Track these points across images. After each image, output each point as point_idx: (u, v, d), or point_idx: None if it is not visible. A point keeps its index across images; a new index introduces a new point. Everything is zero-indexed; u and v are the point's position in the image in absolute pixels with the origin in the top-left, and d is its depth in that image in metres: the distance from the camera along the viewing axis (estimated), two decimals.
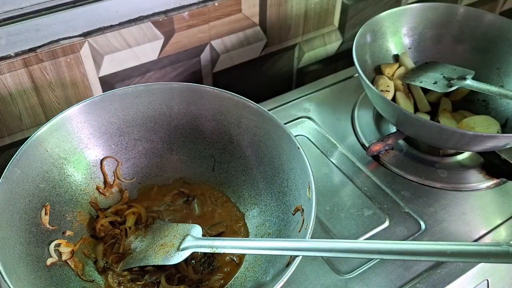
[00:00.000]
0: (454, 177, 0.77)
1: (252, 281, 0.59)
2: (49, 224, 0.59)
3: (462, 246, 0.46)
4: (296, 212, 0.59)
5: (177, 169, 0.71)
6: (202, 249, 0.57)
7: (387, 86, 0.82)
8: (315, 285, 0.62)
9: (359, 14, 1.00)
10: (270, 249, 0.54)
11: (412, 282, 0.63)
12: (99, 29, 0.71)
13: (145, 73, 0.80)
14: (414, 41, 0.88)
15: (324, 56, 1.03)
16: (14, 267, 0.51)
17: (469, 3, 1.17)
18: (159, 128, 0.69)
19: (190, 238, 0.59)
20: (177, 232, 0.61)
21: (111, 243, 0.63)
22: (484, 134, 0.66)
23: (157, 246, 0.60)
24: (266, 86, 0.98)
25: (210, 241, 0.57)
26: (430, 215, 0.71)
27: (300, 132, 0.83)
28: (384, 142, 0.77)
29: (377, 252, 0.49)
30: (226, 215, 0.67)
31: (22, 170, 0.57)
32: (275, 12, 0.87)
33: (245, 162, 0.68)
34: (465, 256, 0.46)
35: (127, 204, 0.67)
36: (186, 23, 0.78)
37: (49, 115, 0.74)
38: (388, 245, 0.49)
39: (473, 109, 0.85)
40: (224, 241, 0.56)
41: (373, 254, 0.50)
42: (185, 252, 0.58)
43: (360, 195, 0.73)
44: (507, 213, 0.72)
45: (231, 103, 0.67)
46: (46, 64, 0.69)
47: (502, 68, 0.84)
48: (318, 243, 0.52)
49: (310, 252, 0.51)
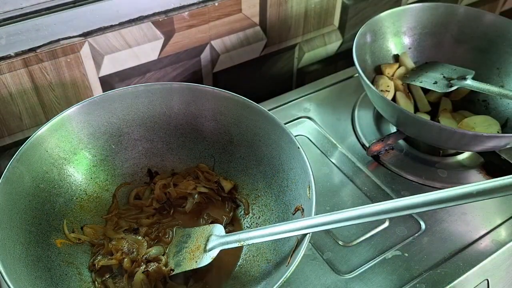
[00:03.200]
0: (454, 177, 0.77)
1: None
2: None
3: (486, 184, 0.45)
4: (296, 211, 0.59)
5: (177, 169, 0.71)
6: (230, 245, 0.57)
7: (387, 86, 0.82)
8: (315, 285, 0.62)
9: (359, 14, 1.00)
10: (295, 230, 0.53)
11: (412, 282, 0.63)
12: (99, 29, 0.71)
13: (145, 73, 0.80)
14: (414, 41, 0.88)
15: (324, 56, 1.03)
16: (14, 267, 0.51)
17: (469, 3, 1.17)
18: (159, 128, 0.69)
19: (214, 237, 0.59)
20: (199, 235, 0.61)
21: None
22: (484, 134, 0.66)
23: (184, 253, 0.60)
24: (266, 86, 0.98)
25: (236, 236, 0.57)
26: (430, 215, 0.71)
27: (300, 132, 0.83)
28: (384, 142, 0.77)
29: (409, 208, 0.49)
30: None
31: (22, 170, 0.57)
32: (275, 12, 0.87)
33: (245, 162, 0.68)
34: (491, 192, 0.45)
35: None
36: (186, 23, 0.78)
37: (49, 115, 0.74)
38: (417, 199, 0.48)
39: (473, 109, 0.85)
40: (250, 233, 0.56)
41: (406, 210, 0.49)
42: (213, 251, 0.58)
43: (360, 195, 0.73)
44: (507, 213, 0.72)
45: (231, 103, 0.67)
46: (46, 64, 0.69)
47: (502, 68, 0.84)
48: (337, 215, 0.52)
49: (332, 225, 0.52)
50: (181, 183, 0.68)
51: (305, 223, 0.53)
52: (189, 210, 0.67)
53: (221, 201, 0.68)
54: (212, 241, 0.59)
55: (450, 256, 0.66)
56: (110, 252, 0.61)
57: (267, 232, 0.55)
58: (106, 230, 0.64)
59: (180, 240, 0.62)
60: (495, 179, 0.45)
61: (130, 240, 0.62)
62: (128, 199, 0.68)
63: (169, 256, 0.61)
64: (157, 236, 0.64)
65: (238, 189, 0.68)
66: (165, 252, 0.62)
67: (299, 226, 0.53)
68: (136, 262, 0.60)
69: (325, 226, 0.52)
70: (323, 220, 0.52)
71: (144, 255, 0.61)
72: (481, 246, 0.68)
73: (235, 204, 0.68)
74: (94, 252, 0.62)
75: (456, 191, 0.46)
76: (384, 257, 0.65)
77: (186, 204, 0.67)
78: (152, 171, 0.70)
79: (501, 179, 0.44)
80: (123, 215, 0.66)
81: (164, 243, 0.63)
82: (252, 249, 0.63)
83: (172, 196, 0.67)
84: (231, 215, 0.67)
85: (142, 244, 0.62)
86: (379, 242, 0.67)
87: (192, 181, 0.68)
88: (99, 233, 0.63)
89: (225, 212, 0.67)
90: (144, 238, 0.63)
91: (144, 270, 0.58)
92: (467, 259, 0.66)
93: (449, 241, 0.68)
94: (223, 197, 0.68)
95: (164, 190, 0.67)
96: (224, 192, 0.68)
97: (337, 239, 0.67)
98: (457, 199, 0.46)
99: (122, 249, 0.61)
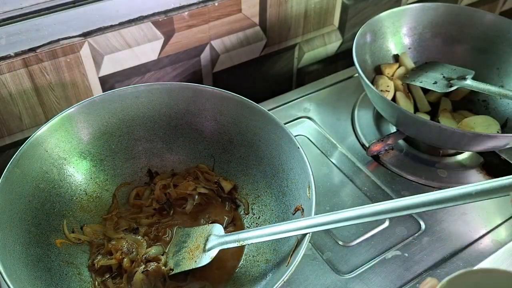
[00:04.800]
0: (454, 177, 0.77)
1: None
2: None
3: (485, 184, 0.45)
4: (296, 211, 0.59)
5: (177, 169, 0.71)
6: (229, 244, 0.57)
7: (387, 86, 0.82)
8: (315, 285, 0.62)
9: (359, 14, 1.00)
10: (295, 230, 0.53)
11: (412, 282, 0.63)
12: (99, 29, 0.71)
13: (145, 73, 0.80)
14: (414, 41, 0.88)
15: (324, 56, 1.03)
16: (14, 267, 0.51)
17: (469, 3, 1.17)
18: (159, 128, 0.69)
19: (214, 237, 0.59)
20: (199, 235, 0.61)
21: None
22: (484, 134, 0.66)
23: (183, 252, 0.60)
24: (266, 86, 0.98)
25: (235, 235, 0.57)
26: (430, 215, 0.71)
27: (300, 132, 0.83)
28: (384, 142, 0.77)
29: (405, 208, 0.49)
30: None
31: (22, 170, 0.57)
32: (275, 12, 0.87)
33: (245, 162, 0.68)
34: (490, 193, 0.45)
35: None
36: (186, 23, 0.78)
37: (49, 115, 0.74)
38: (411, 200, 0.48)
39: (473, 109, 0.85)
40: (249, 233, 0.56)
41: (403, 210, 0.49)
42: (212, 251, 0.58)
43: (360, 195, 0.73)
44: (507, 213, 0.72)
45: (231, 103, 0.67)
46: (46, 64, 0.69)
47: (502, 68, 0.84)
48: (337, 215, 0.52)
49: (332, 225, 0.52)
50: (181, 184, 0.68)
51: (304, 223, 0.53)
52: (189, 211, 0.67)
53: (221, 202, 0.68)
54: (211, 241, 0.59)
55: (450, 256, 0.66)
56: (109, 252, 0.61)
57: (266, 232, 0.55)
58: (105, 229, 0.64)
59: (180, 239, 0.62)
60: (494, 180, 0.45)
61: (129, 240, 0.62)
62: (128, 199, 0.68)
63: (169, 256, 0.61)
64: (157, 236, 0.64)
65: (238, 189, 0.68)
66: (164, 251, 0.62)
67: (299, 226, 0.53)
68: (135, 262, 0.60)
69: (324, 226, 0.52)
70: (322, 220, 0.52)
71: (143, 255, 0.61)
72: (481, 246, 0.68)
73: (235, 204, 0.68)
74: (94, 252, 0.62)
75: (455, 191, 0.46)
76: (384, 257, 0.65)
77: (186, 205, 0.67)
78: (152, 171, 0.70)
79: (500, 179, 0.44)
80: (123, 215, 0.66)
81: (164, 243, 0.63)
82: (252, 249, 0.63)
83: (172, 197, 0.67)
84: (231, 216, 0.67)
85: (141, 244, 0.62)
86: (379, 242, 0.67)
87: (192, 181, 0.68)
88: (98, 232, 0.63)
89: (225, 212, 0.67)
90: (144, 238, 0.63)
91: (144, 270, 0.58)
92: (467, 259, 0.66)
93: (449, 241, 0.68)
94: (223, 197, 0.68)
95: (164, 191, 0.67)
96: (224, 192, 0.68)
97: (337, 239, 0.67)
98: (456, 200, 0.46)
99: (121, 249, 0.61)
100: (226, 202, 0.68)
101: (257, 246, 0.62)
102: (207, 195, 0.68)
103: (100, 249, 0.62)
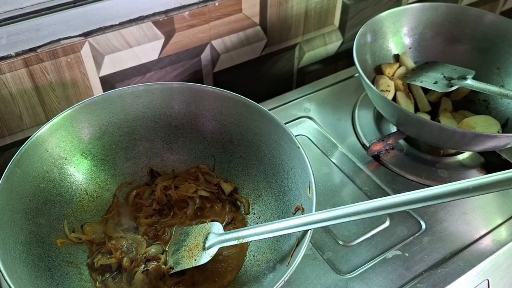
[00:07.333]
0: (454, 177, 0.77)
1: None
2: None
3: (482, 179, 0.45)
4: (296, 211, 0.59)
5: (178, 168, 0.71)
6: (228, 242, 0.57)
7: (387, 86, 0.82)
8: (315, 285, 0.62)
9: (360, 14, 1.00)
10: (293, 227, 0.53)
11: (413, 282, 0.63)
12: (100, 29, 0.71)
13: (145, 73, 0.80)
14: (414, 41, 0.88)
15: (325, 56, 1.03)
16: (15, 266, 0.51)
17: (469, 3, 1.17)
18: (159, 128, 0.69)
19: (213, 235, 0.59)
20: (198, 233, 0.61)
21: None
22: (484, 134, 0.66)
23: (183, 251, 0.60)
24: (266, 86, 0.98)
25: (234, 233, 0.57)
26: (430, 215, 0.71)
27: (300, 132, 0.83)
28: (385, 142, 0.77)
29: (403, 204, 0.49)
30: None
31: (23, 170, 0.57)
32: (276, 12, 0.87)
33: (245, 162, 0.68)
34: (487, 188, 0.45)
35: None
36: (187, 23, 0.78)
37: (50, 115, 0.74)
38: (408, 196, 0.48)
39: (474, 109, 0.85)
40: (248, 230, 0.56)
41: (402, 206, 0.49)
42: (211, 249, 0.58)
43: (361, 195, 0.73)
44: (508, 213, 0.72)
45: (231, 103, 0.67)
46: (46, 64, 0.69)
47: (502, 68, 0.84)
48: (335, 211, 0.52)
49: (330, 221, 0.51)
50: (182, 186, 0.68)
51: (303, 220, 0.53)
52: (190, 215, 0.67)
53: (222, 205, 0.68)
54: (210, 239, 0.59)
55: (450, 256, 0.66)
56: (109, 251, 0.61)
57: (265, 230, 0.55)
58: (106, 228, 0.64)
59: (179, 238, 0.62)
60: (491, 174, 0.45)
61: (129, 239, 0.62)
62: (128, 198, 0.68)
63: (168, 255, 0.61)
64: (156, 235, 0.64)
65: (238, 191, 0.68)
66: (164, 250, 0.62)
67: (297, 223, 0.53)
68: (135, 261, 0.60)
69: (323, 222, 0.52)
70: (321, 216, 0.52)
71: (143, 254, 0.61)
72: (481, 246, 0.68)
73: (235, 207, 0.68)
74: (94, 251, 0.62)
75: (453, 186, 0.46)
76: (384, 257, 0.65)
77: (187, 209, 0.67)
78: (154, 171, 0.70)
79: (497, 174, 0.44)
80: (123, 214, 0.66)
81: (163, 242, 0.63)
82: (252, 249, 0.63)
83: (173, 198, 0.67)
84: (231, 216, 0.67)
85: (141, 243, 0.62)
86: (380, 241, 0.67)
87: (193, 183, 0.68)
88: (99, 231, 0.63)
89: (226, 213, 0.67)
90: (143, 237, 0.63)
91: (144, 269, 0.58)
92: (467, 259, 0.66)
93: (449, 241, 0.68)
94: (223, 200, 0.68)
95: (165, 192, 0.67)
96: (225, 194, 0.68)
97: (337, 238, 0.67)
98: (454, 195, 0.46)
99: (121, 248, 0.61)
100: (227, 205, 0.68)
101: (257, 246, 0.62)
102: (208, 198, 0.68)
103: (100, 248, 0.62)
